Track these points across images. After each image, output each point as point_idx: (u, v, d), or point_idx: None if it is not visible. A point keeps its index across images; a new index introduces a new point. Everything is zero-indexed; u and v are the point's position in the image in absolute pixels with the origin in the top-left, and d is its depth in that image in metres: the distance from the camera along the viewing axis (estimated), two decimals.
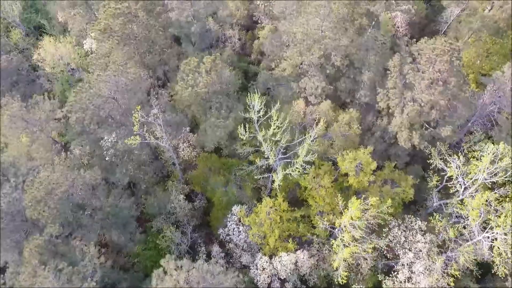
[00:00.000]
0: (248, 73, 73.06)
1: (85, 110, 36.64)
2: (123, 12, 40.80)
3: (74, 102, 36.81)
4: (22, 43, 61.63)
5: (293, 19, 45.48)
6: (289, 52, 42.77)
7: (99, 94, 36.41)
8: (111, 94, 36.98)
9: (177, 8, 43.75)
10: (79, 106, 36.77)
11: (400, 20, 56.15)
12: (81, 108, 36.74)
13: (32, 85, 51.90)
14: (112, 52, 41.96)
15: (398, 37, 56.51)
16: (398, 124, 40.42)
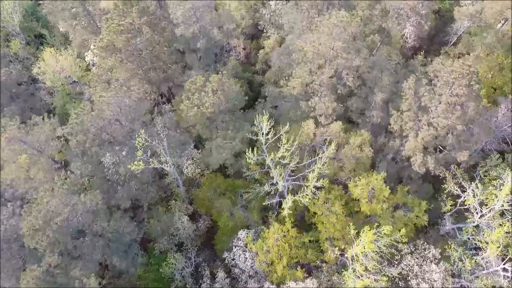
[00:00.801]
0: (253, 84, 71.41)
1: (87, 133, 34.89)
2: (127, 29, 38.99)
3: (75, 125, 35.05)
4: (22, 53, 59.87)
5: (302, 35, 43.64)
6: (299, 71, 40.97)
7: (101, 117, 34.65)
8: (114, 116, 35.20)
9: (182, 24, 41.93)
10: (80, 128, 35.00)
11: (409, 31, 54.34)
12: (82, 131, 34.98)
13: (32, 98, 50.09)
14: (115, 68, 40.18)
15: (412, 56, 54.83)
16: (412, 148, 38.64)
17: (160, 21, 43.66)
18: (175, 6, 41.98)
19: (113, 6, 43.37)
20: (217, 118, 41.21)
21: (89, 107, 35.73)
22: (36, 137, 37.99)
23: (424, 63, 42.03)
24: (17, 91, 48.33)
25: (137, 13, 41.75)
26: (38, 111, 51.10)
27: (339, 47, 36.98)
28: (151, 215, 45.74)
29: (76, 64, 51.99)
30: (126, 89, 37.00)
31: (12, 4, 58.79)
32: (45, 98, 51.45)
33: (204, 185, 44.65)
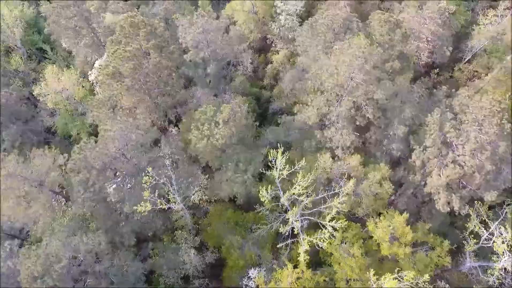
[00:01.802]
0: (261, 99, 68.95)
1: (90, 170, 32.45)
2: (134, 55, 36.54)
3: (78, 161, 32.60)
4: (23, 68, 57.39)
5: (318, 60, 41.12)
6: (316, 101, 38.49)
7: (105, 153, 32.22)
8: (120, 151, 32.79)
9: (192, 48, 39.44)
10: (83, 165, 32.56)
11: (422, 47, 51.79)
12: (86, 167, 32.54)
13: (32, 119, 47.64)
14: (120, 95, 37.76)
15: (426, 73, 52.30)
16: (435, 186, 36.19)
17: (169, 44, 41.18)
18: (185, 29, 39.45)
19: (119, 28, 40.97)
20: (227, 149, 38.79)
21: (93, 142, 33.27)
22: (36, 170, 35.55)
23: (448, 94, 39.52)
24: (17, 113, 45.84)
25: (144, 35, 39.36)
26: (38, 134, 48.87)
27: (360, 79, 34.50)
28: (156, 246, 43.47)
29: (79, 84, 49.48)
30: (132, 121, 34.48)
31: (13, 18, 56.32)
32: (46, 119, 48.96)
33: (212, 217, 42.27)
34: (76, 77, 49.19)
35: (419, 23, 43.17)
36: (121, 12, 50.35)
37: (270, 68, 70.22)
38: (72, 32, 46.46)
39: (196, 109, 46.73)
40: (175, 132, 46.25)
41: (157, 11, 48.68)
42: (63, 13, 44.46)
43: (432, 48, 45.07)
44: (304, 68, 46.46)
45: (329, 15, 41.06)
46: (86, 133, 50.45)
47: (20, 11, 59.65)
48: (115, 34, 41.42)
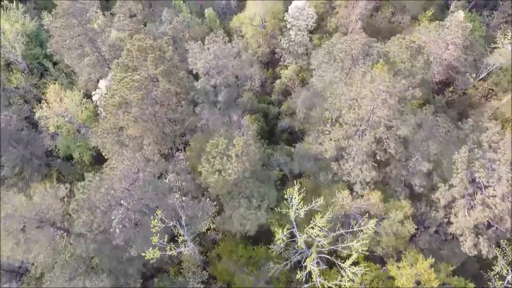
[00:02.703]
0: (268, 115, 66.64)
1: (94, 211, 30.03)
2: (142, 84, 34.08)
3: (82, 201, 30.16)
4: (24, 84, 54.89)
5: (335, 87, 38.67)
6: (334, 134, 36.05)
7: (111, 194, 29.78)
8: (127, 192, 30.36)
9: (203, 75, 36.99)
10: (87, 206, 30.11)
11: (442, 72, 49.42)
12: (90, 208, 30.11)
13: (33, 143, 45.13)
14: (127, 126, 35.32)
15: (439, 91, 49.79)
16: (462, 227, 33.80)
17: (178, 69, 38.71)
18: (196, 55, 37.00)
19: (126, 52, 38.52)
20: (239, 183, 36.36)
21: (98, 179, 30.81)
22: (37, 208, 33.15)
23: (475, 127, 37.09)
24: (17, 137, 43.38)
25: (153, 61, 36.89)
26: (40, 157, 46.41)
27: (383, 114, 32.08)
28: (161, 278, 41.20)
29: (82, 104, 47.00)
30: (140, 157, 32.01)
31: (14, 33, 53.80)
32: (48, 142, 46.48)
33: (222, 252, 39.89)
34: (79, 98, 46.72)
35: (440, 48, 40.74)
36: (127, 29, 48.05)
37: (278, 84, 67.91)
38: (76, 51, 43.91)
39: (204, 131, 44.61)
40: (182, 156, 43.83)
41: (164, 29, 46.21)
42: (67, 33, 41.97)
43: (454, 74, 42.64)
44: (319, 92, 44.10)
45: (347, 40, 38.60)
46: (88, 156, 48.12)
47: (21, 25, 57.19)
48: (122, 57, 39.03)
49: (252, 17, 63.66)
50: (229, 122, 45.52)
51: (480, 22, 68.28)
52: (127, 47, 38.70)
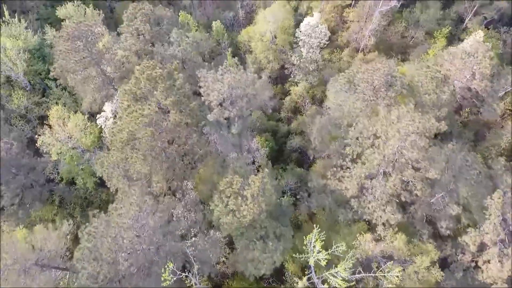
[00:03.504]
0: (277, 133, 64.31)
1: (100, 262, 27.56)
2: (152, 120, 31.59)
3: (87, 251, 27.68)
4: (26, 103, 52.38)
5: (354, 118, 36.21)
6: (356, 172, 33.58)
7: (119, 244, 27.32)
8: (135, 240, 27.90)
9: (215, 106, 34.50)
10: (93, 256, 27.65)
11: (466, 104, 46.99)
12: (96, 259, 27.65)
13: (34, 171, 42.61)
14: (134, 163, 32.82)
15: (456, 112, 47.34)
16: (495, 277, 31.36)
17: (189, 99, 36.22)
18: (209, 84, 34.46)
19: (134, 80, 36.02)
20: (255, 224, 33.89)
21: (104, 226, 28.29)
22: (39, 250, 30.72)
23: (507, 167, 34.61)
24: (17, 165, 40.88)
25: (163, 90, 34.41)
26: (41, 186, 43.92)
27: (412, 157, 29.59)
28: None
29: (87, 130, 44.49)
30: (150, 201, 29.52)
31: (16, 50, 51.28)
32: (49, 170, 44.03)
33: None
34: (84, 122, 44.23)
35: (466, 78, 38.26)
36: (133, 50, 45.56)
37: (288, 101, 65.53)
38: (80, 75, 41.40)
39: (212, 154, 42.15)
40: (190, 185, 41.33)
41: (174, 51, 43.66)
42: (71, 57, 39.46)
43: (479, 102, 40.20)
44: (335, 120, 41.67)
45: (369, 70, 36.07)
46: (92, 183, 45.68)
47: (23, 41, 54.68)
48: (129, 84, 36.55)
49: (262, 33, 61.18)
50: (240, 149, 43.17)
51: (497, 39, 65.94)
52: (135, 75, 36.23)
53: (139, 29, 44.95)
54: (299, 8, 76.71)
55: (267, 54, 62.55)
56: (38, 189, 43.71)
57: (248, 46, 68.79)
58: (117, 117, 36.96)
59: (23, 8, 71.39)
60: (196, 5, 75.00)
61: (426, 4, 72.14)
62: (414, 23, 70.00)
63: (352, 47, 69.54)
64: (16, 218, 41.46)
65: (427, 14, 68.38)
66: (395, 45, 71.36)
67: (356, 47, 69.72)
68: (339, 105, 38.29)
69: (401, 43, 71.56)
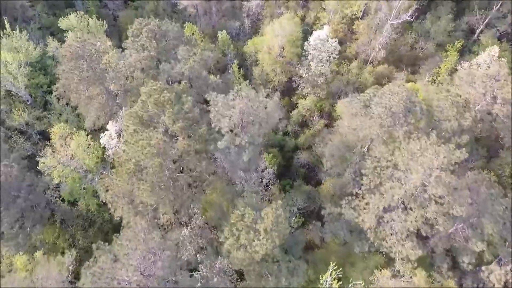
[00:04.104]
0: (284, 148, 62.57)
1: None
2: (160, 149, 29.74)
3: None
4: (27, 118, 50.49)
5: (374, 149, 34.35)
6: (374, 203, 31.76)
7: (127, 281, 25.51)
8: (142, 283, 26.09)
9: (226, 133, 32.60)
10: None
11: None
12: None
13: (34, 193, 40.76)
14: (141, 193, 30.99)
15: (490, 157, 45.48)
16: None
17: (198, 123, 34.40)
18: (219, 109, 32.55)
19: (141, 104, 34.24)
20: (267, 258, 32.14)
21: (108, 267, 26.46)
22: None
23: None
24: (18, 189, 39.05)
25: (171, 116, 32.60)
26: (42, 209, 42.09)
27: (436, 193, 27.78)
28: None
29: (90, 149, 42.63)
30: (158, 238, 27.70)
31: (17, 64, 49.36)
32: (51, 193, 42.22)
33: None
34: (87, 142, 42.36)
35: (487, 103, 36.41)
36: (139, 67, 43.73)
37: (295, 114, 63.68)
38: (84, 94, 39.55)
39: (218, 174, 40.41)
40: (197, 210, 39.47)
41: (181, 69, 41.77)
42: (75, 76, 37.62)
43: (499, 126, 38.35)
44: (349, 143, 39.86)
45: (386, 94, 34.21)
46: (95, 204, 43.91)
47: (24, 54, 52.72)
48: (136, 107, 34.79)
49: (270, 46, 59.30)
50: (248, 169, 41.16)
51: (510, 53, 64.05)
52: (142, 98, 34.50)
53: (145, 45, 43.10)
54: (306, 18, 74.81)
55: (275, 67, 60.68)
56: (39, 211, 41.90)
57: (254, 57, 66.93)
58: (123, 142, 35.21)
59: (24, 17, 69.45)
60: (201, 14, 73.04)
61: (437, 15, 70.29)
62: (424, 34, 68.15)
63: (360, 59, 67.70)
64: (16, 242, 39.69)
65: (438, 26, 66.50)
66: (405, 57, 69.49)
67: (365, 59, 67.88)
68: (354, 129, 36.43)
69: (410, 55, 69.67)
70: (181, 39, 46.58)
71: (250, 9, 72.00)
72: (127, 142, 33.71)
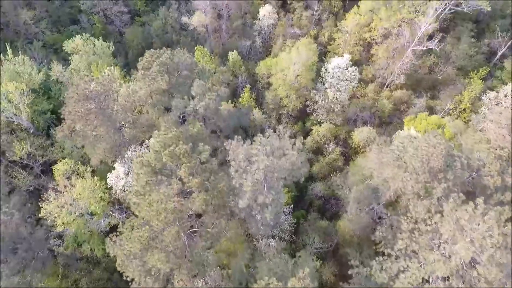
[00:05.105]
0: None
1: None
2: (178, 215, 26.44)
3: None
4: (28, 149, 47.24)
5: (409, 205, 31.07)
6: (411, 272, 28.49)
7: None
8: None
9: (250, 192, 29.35)
10: None
11: None
12: None
13: (35, 241, 37.53)
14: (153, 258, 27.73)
15: None
16: None
17: (216, 175, 31.07)
18: (241, 163, 29.24)
19: (153, 154, 30.98)
20: None
21: None
22: None
23: None
24: (18, 239, 35.86)
25: (187, 170, 29.31)
26: (44, 258, 38.91)
27: (489, 276, 24.52)
28: None
29: (96, 192, 39.40)
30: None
31: (19, 93, 46.10)
32: (54, 241, 39.04)
33: None
34: (93, 186, 39.11)
35: None
36: (149, 102, 40.55)
37: (310, 141, 60.41)
38: (90, 138, 36.30)
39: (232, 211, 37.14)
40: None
41: (195, 107, 38.56)
42: (82, 119, 34.34)
43: None
44: (378, 191, 36.67)
45: (423, 146, 30.87)
46: (101, 251, 40.72)
47: (27, 80, 49.49)
48: (148, 156, 31.56)
49: (285, 71, 56.03)
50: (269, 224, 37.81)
51: None
52: (155, 148, 31.25)
53: (156, 79, 39.85)
54: (319, 37, 71.58)
55: (289, 93, 57.45)
56: (41, 258, 38.72)
57: (266, 79, 63.75)
58: (133, 192, 31.91)
59: (28, 34, 66.29)
60: (211, 32, 69.79)
61: (457, 36, 67.11)
62: (445, 57, 64.90)
63: (377, 82, 64.46)
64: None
65: (458, 50, 63.26)
66: (423, 80, 66.20)
67: (381, 82, 64.64)
68: (385, 181, 33.16)
69: (429, 78, 66.34)
70: (194, 71, 43.33)
71: (262, 27, 68.74)
72: (138, 192, 30.61)
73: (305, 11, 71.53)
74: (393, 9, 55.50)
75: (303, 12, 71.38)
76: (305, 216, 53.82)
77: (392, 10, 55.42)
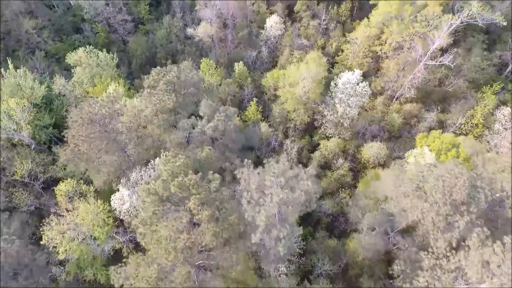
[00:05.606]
0: None
1: None
2: (188, 254, 24.84)
3: None
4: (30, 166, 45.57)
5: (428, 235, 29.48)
6: None
7: None
8: None
9: (262, 224, 27.73)
10: None
11: None
12: None
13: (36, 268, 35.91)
14: None
15: None
16: None
17: (226, 205, 29.42)
18: (253, 194, 27.61)
19: (161, 184, 29.36)
20: None
21: None
22: None
23: None
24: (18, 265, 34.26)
25: (196, 202, 27.71)
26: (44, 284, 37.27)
27: None
28: None
29: (99, 216, 37.78)
30: None
31: (20, 109, 44.48)
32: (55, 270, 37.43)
33: None
34: (97, 210, 37.49)
35: None
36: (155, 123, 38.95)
37: (317, 156, 58.69)
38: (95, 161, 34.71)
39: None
40: None
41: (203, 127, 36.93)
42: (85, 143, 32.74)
43: None
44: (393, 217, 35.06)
45: (445, 177, 29.25)
46: (105, 276, 39.09)
47: (29, 94, 47.87)
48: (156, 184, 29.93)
49: (293, 86, 54.39)
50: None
51: None
52: (163, 177, 29.63)
53: (163, 99, 38.23)
54: (326, 47, 69.89)
55: (298, 107, 55.83)
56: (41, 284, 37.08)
57: (273, 92, 62.13)
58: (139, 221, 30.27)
59: (30, 44, 64.63)
60: (217, 41, 68.11)
61: (467, 47, 65.39)
62: (456, 69, 63.15)
63: (386, 95, 62.81)
64: None
65: (470, 62, 61.56)
66: (433, 93, 64.48)
67: (391, 95, 63.01)
68: (404, 211, 31.55)
69: (439, 91, 64.62)
70: (200, 88, 41.72)
71: (268, 37, 67.05)
72: (144, 222, 29.07)
73: (312, 20, 69.72)
74: (404, 22, 53.80)
75: (310, 21, 69.58)
76: (313, 233, 52.27)
77: (403, 23, 53.72)
